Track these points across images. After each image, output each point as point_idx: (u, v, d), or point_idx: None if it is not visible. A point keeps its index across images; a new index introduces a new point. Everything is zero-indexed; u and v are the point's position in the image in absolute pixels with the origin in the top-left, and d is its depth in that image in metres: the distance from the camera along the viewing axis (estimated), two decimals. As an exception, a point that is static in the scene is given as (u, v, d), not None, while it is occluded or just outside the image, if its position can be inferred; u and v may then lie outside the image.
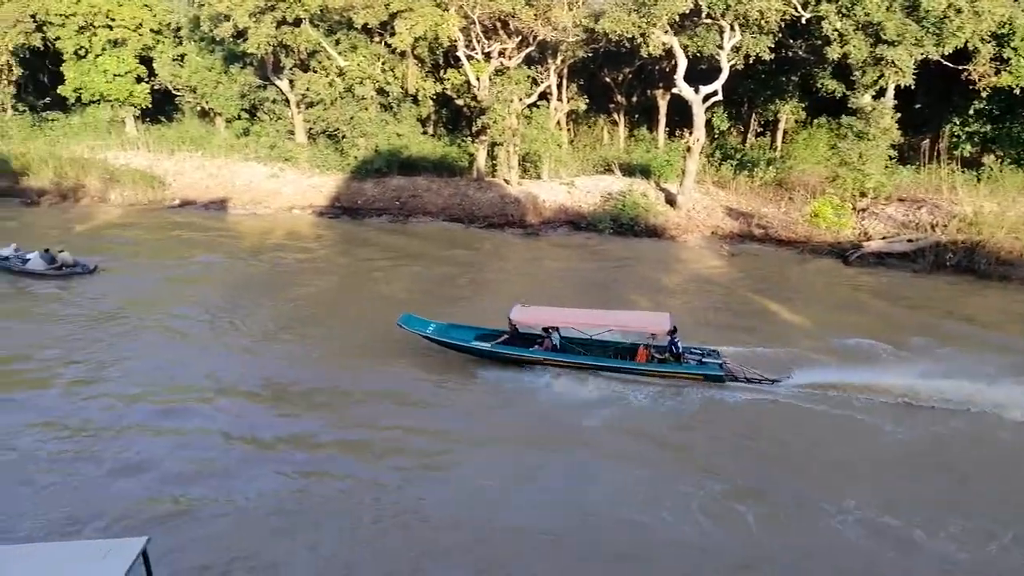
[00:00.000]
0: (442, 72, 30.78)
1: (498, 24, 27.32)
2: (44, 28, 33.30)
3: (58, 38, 33.20)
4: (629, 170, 29.49)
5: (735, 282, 21.15)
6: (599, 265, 23.17)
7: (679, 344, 14.26)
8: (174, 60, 34.05)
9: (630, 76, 32.63)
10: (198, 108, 35.29)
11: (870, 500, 10.65)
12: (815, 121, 30.94)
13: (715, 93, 25.62)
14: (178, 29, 33.69)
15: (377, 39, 30.00)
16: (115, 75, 33.84)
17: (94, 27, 32.80)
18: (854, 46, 23.00)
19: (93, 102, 34.76)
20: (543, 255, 24.60)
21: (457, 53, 28.25)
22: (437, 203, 28.91)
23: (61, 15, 32.41)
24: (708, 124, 28.68)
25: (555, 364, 14.53)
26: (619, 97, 33.52)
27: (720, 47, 25.17)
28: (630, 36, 24.63)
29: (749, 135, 33.28)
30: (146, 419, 13.29)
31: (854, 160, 24.08)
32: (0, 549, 7.60)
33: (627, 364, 14.39)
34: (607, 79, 32.75)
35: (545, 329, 14.96)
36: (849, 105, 24.89)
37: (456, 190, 29.38)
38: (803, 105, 31.19)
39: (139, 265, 22.91)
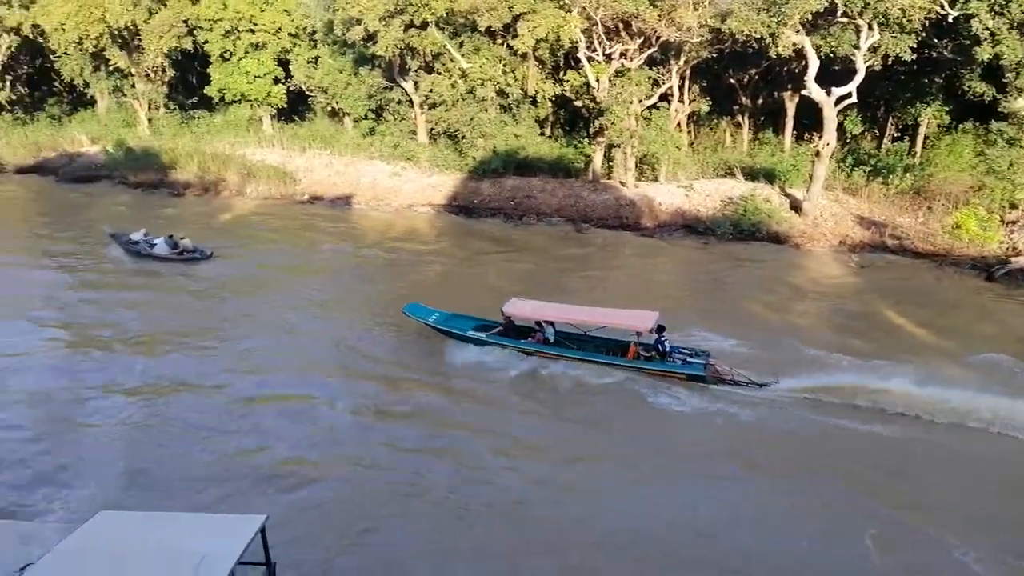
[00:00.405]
0: (562, 74, 30.83)
1: (620, 25, 27.05)
2: (194, 32, 35.91)
3: (206, 42, 35.69)
4: (752, 174, 28.50)
5: (862, 294, 20.06)
6: (715, 270, 22.57)
7: (666, 343, 14.63)
8: (308, 62, 35.84)
9: (756, 77, 31.50)
10: (328, 108, 36.99)
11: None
12: (960, 126, 28.76)
13: (848, 95, 24.33)
14: (313, 33, 35.41)
15: (499, 41, 30.42)
16: (255, 76, 36.01)
17: (238, 31, 35.03)
18: (1007, 46, 21.27)
19: (235, 101, 37.13)
20: (657, 257, 24.25)
21: (578, 55, 28.21)
22: (551, 204, 29.02)
23: (210, 20, 34.83)
24: (839, 128, 27.24)
25: (544, 356, 15.10)
26: (744, 99, 32.44)
27: (856, 47, 23.88)
28: (758, 36, 23.78)
29: (885, 140, 31.36)
30: (263, 392, 14.36)
31: (1004, 169, 22.31)
32: (129, 515, 8.12)
33: (613, 360, 14.80)
34: (732, 80, 31.76)
35: (538, 323, 15.51)
36: (1000, 110, 23.03)
37: (570, 191, 29.39)
38: (947, 109, 29.06)
39: (266, 252, 24.62)
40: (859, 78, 24.01)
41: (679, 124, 30.94)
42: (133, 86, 38.81)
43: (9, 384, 14.63)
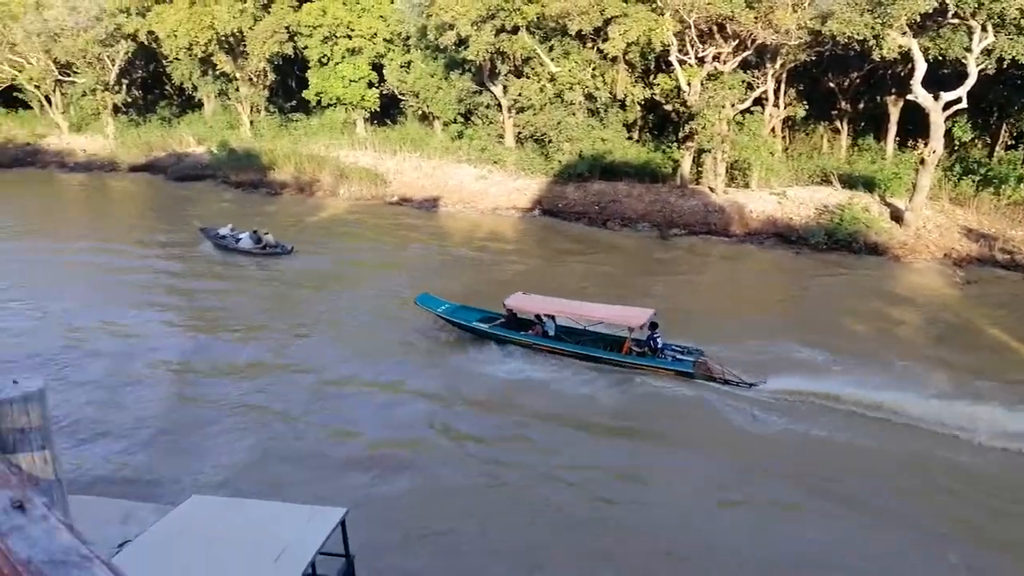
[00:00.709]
0: (652, 77, 30.48)
1: (714, 28, 26.53)
2: (295, 38, 37.40)
3: (306, 47, 37.12)
4: (850, 182, 27.37)
5: (967, 310, 18.93)
6: (807, 280, 21.79)
7: (658, 339, 14.87)
8: (401, 67, 36.75)
9: (857, 81, 30.27)
10: (419, 112, 37.81)
11: None
12: (1083, 134, 26.83)
13: (958, 100, 23.03)
14: (407, 38, 36.30)
15: (589, 45, 30.36)
16: (350, 81, 37.19)
17: (336, 37, 36.28)
18: None
19: (331, 105, 38.45)
20: (745, 265, 23.63)
21: (669, 58, 27.84)
22: (637, 209, 28.71)
23: (310, 26, 36.22)
24: (947, 134, 25.81)
25: (542, 349, 15.52)
26: (843, 103, 31.22)
27: (968, 50, 22.59)
28: (861, 38, 22.86)
29: (997, 148, 29.53)
30: (347, 378, 14.77)
31: None
32: (218, 500, 8.45)
33: (606, 354, 15.08)
34: (831, 84, 30.62)
35: (538, 316, 16.06)
36: None
37: (657, 196, 28.99)
38: (1069, 115, 27.18)
39: (353, 249, 25.64)
40: (970, 82, 22.71)
41: (773, 129, 30.05)
42: (237, 90, 40.74)
43: (93, 367, 15.62)
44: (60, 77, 42.95)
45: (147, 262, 24.15)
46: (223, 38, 37.26)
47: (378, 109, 38.80)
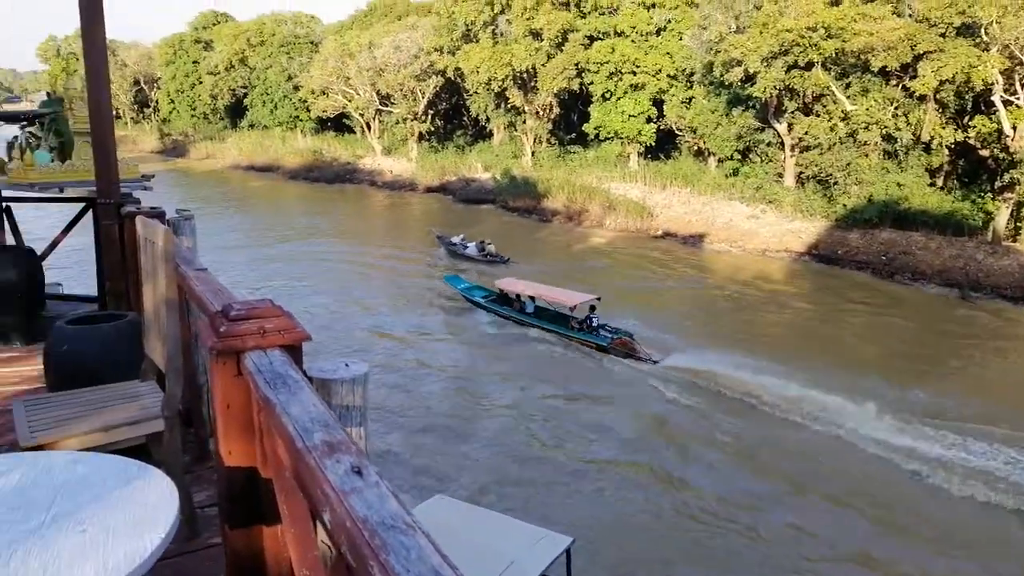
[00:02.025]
0: (967, 119, 27.04)
1: (1055, 64, 22.89)
2: (582, 74, 39.15)
3: (591, 83, 38.66)
4: None
5: None
6: None
7: (594, 320, 18.63)
8: (682, 103, 36.72)
9: None
10: (694, 148, 37.42)
11: None
12: None
13: None
14: (691, 74, 36.22)
15: (893, 82, 27.83)
16: (630, 115, 37.95)
17: (621, 73, 37.33)
18: None
19: (608, 138, 39.56)
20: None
21: (991, 97, 24.50)
22: (933, 264, 25.52)
23: (598, 63, 37.69)
24: None
25: (516, 321, 20.20)
26: None
27: None
28: None
29: None
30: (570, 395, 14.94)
31: None
32: (458, 504, 8.82)
33: (555, 327, 19.13)
34: None
35: (518, 296, 20.64)
36: None
37: (960, 251, 25.51)
38: None
39: (603, 271, 26.23)
40: None
41: (1126, 184, 25.01)
42: (524, 122, 43.62)
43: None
44: (380, 107, 49.44)
45: (406, 266, 27.64)
46: (518, 74, 40.16)
47: (653, 143, 39.09)
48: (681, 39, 36.31)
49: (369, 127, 51.44)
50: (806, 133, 29.48)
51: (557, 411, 15.07)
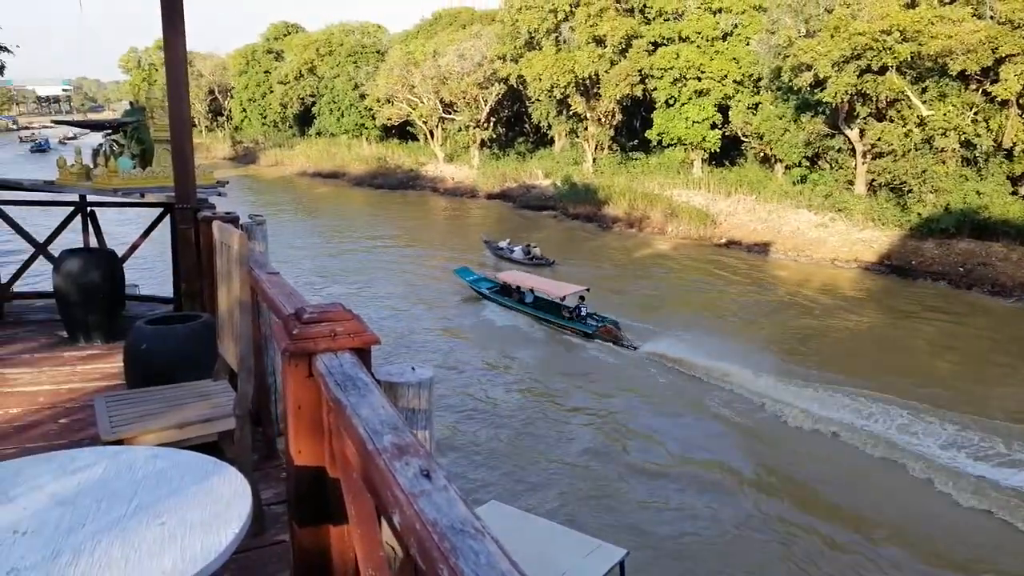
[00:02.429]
0: (1054, 124, 25.74)
1: None
2: (646, 80, 38.83)
3: (655, 89, 38.31)
4: None
5: None
6: None
7: (582, 309, 20.25)
8: (748, 108, 36.03)
9: None
10: (760, 154, 36.65)
11: None
12: None
13: None
14: (758, 80, 35.52)
15: (973, 87, 26.70)
16: (694, 122, 37.45)
17: (685, 79, 36.88)
18: None
19: (670, 145, 39.11)
20: None
21: (1082, 101, 23.26)
22: (1016, 276, 24.30)
23: (661, 69, 37.34)
24: None
25: (515, 309, 21.85)
26: None
27: None
28: None
29: None
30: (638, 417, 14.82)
31: None
32: (513, 511, 8.75)
33: (547, 315, 20.84)
34: None
35: (517, 288, 22.24)
36: None
37: (1046, 264, 24.27)
38: None
39: (661, 276, 25.91)
40: None
41: None
42: (586, 128, 43.52)
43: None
44: (443, 115, 50.07)
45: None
46: (580, 81, 40.11)
47: (718, 150, 38.47)
48: (748, 44, 35.65)
49: (432, 134, 52.13)
50: (879, 139, 28.53)
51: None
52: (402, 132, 56.82)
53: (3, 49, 21.28)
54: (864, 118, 29.73)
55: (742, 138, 37.02)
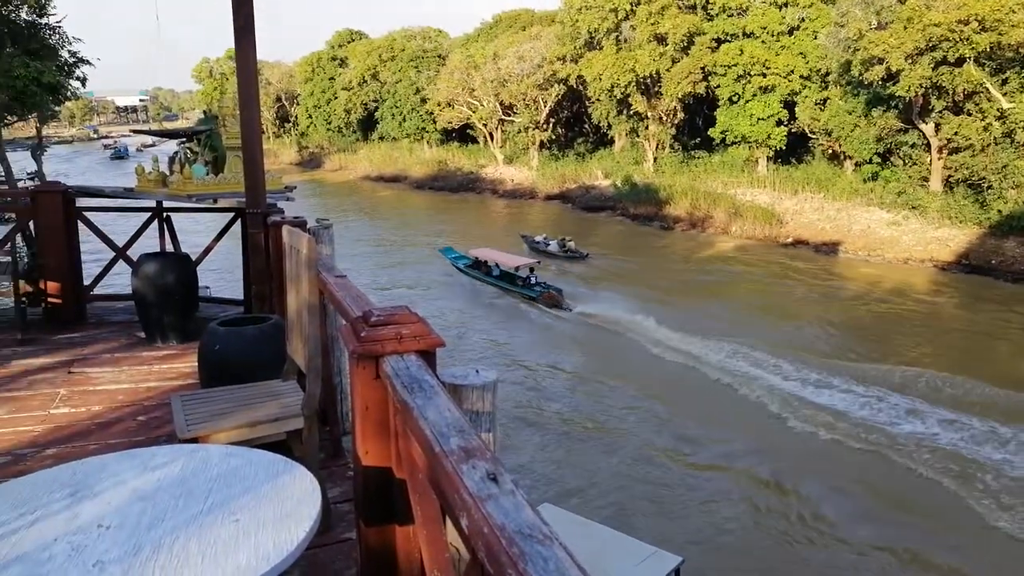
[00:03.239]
0: None
1: None
2: (708, 78, 38.15)
3: (718, 86, 37.61)
4: None
5: None
6: None
7: (531, 278, 23.90)
8: (816, 104, 35.03)
9: None
10: (829, 151, 35.58)
11: None
12: None
13: None
14: (826, 74, 34.50)
15: (1059, 76, 25.33)
16: (759, 119, 36.60)
17: (750, 75, 36.09)
18: None
19: (734, 143, 38.33)
20: None
21: None
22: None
23: (725, 66, 36.63)
24: None
25: (484, 280, 25.43)
26: None
27: None
28: None
29: None
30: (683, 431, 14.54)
31: None
32: (566, 514, 8.66)
33: (505, 284, 24.44)
34: None
35: (486, 262, 25.61)
36: None
37: None
38: None
39: (730, 276, 24.70)
40: None
41: None
42: (647, 128, 43.02)
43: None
44: (503, 117, 50.28)
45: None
46: (641, 79, 39.69)
47: (783, 148, 37.50)
48: (815, 38, 34.65)
49: (492, 137, 52.40)
50: (956, 134, 27.34)
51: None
52: (462, 135, 57.28)
53: (85, 62, 22.42)
54: (940, 112, 28.53)
55: (809, 135, 36.01)
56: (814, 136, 35.74)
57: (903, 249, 28.20)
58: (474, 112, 51.33)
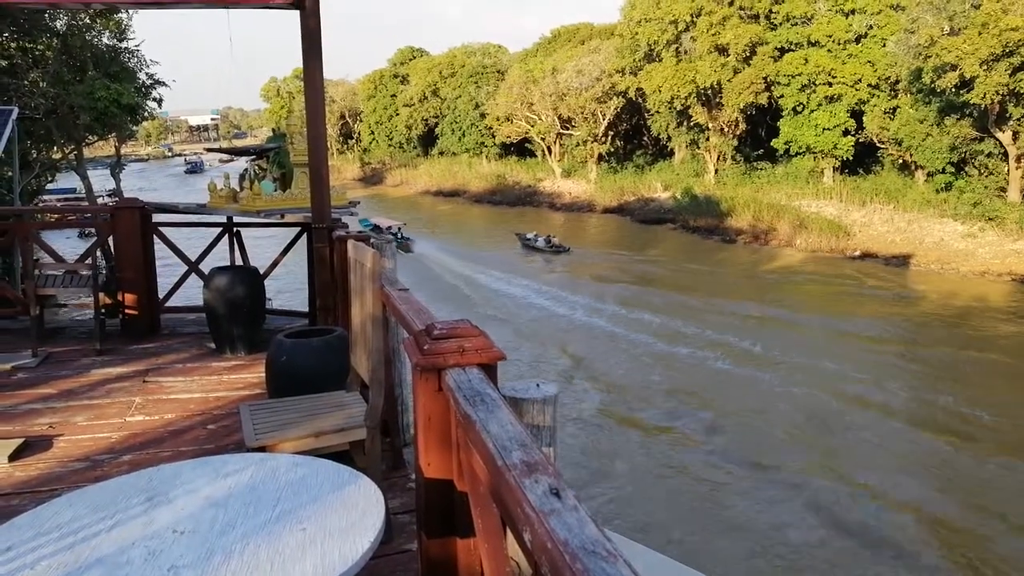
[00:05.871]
0: None
1: None
2: (771, 88, 37.45)
3: (781, 96, 36.88)
4: None
5: None
6: None
7: (399, 234, 31.46)
8: (885, 113, 33.99)
9: None
10: (899, 161, 34.44)
11: None
12: None
13: None
14: (895, 83, 33.46)
15: None
16: (824, 129, 35.72)
17: (815, 85, 35.30)
18: None
19: (799, 154, 37.46)
20: None
21: None
22: None
23: (788, 75, 35.92)
24: None
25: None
26: None
27: None
28: None
29: None
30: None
31: None
32: (623, 540, 8.55)
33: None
34: None
35: (378, 226, 31.20)
36: None
37: None
38: None
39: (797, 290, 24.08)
40: None
41: None
42: (708, 139, 42.46)
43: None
44: (561, 130, 50.37)
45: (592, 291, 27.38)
46: (702, 91, 39.25)
47: (850, 158, 36.47)
48: (884, 45, 33.67)
49: (550, 150, 52.53)
50: (1036, 142, 26.13)
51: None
52: (520, 149, 57.60)
53: (161, 84, 23.49)
54: (1018, 119, 27.33)
55: (878, 144, 34.94)
56: (883, 146, 34.67)
57: (979, 262, 27.04)
58: (532, 126, 51.58)
